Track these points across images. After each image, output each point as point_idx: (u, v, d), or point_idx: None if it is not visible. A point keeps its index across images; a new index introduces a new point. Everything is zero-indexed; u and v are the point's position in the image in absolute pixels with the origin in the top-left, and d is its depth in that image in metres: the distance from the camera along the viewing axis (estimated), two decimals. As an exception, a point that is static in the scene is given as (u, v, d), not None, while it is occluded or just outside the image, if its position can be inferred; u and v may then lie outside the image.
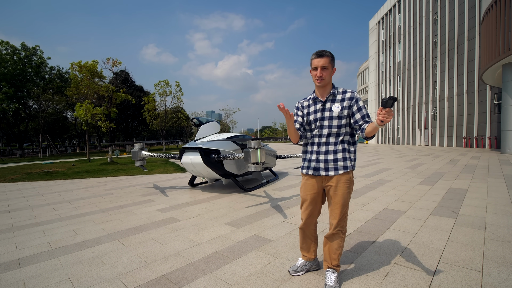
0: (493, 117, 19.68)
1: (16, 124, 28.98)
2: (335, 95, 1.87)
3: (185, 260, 2.39)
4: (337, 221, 1.86)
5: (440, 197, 4.47)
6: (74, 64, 16.89)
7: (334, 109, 1.84)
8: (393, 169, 8.25)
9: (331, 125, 1.86)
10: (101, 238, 3.01)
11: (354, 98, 1.81)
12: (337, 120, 1.84)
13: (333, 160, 1.85)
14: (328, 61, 1.80)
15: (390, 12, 33.58)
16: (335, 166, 1.85)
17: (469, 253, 2.35)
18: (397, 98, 1.39)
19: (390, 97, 1.40)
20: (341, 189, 1.83)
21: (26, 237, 3.15)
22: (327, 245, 1.94)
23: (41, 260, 2.49)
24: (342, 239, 1.89)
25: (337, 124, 1.85)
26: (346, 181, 1.84)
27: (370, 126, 1.69)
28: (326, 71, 1.81)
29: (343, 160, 1.85)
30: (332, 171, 1.85)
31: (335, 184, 1.85)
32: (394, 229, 3.00)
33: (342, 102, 1.83)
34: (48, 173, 9.54)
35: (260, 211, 3.95)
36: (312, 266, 2.13)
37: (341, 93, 1.86)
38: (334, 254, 1.89)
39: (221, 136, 5.77)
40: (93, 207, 4.53)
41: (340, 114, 1.83)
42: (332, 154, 1.86)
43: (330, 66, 1.82)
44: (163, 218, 3.74)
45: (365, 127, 1.74)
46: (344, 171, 1.84)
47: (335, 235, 1.89)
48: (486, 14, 15.18)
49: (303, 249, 2.12)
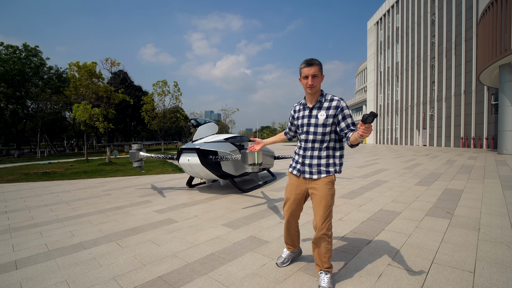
0: (490, 118, 19.80)
1: (14, 124, 28.87)
2: (321, 103, 1.93)
3: (181, 261, 2.41)
4: (322, 222, 1.89)
5: (435, 198, 4.51)
6: (72, 64, 16.86)
7: (319, 116, 1.91)
8: (390, 170, 8.29)
9: (316, 132, 1.92)
10: (98, 240, 3.02)
11: (340, 107, 1.87)
12: (322, 127, 1.90)
13: (316, 165, 1.94)
14: (317, 69, 1.86)
15: (388, 13, 33.70)
16: (318, 170, 1.93)
17: (462, 254, 2.38)
18: (377, 114, 1.44)
19: (371, 112, 1.44)
20: (324, 190, 1.90)
21: (23, 238, 3.16)
22: (316, 250, 1.97)
23: (38, 262, 2.50)
24: (329, 242, 1.92)
25: (322, 131, 1.91)
26: (328, 183, 1.91)
27: (353, 136, 1.75)
28: (316, 79, 1.87)
29: (326, 165, 1.93)
30: (315, 174, 1.94)
31: (318, 186, 1.92)
32: (389, 230, 3.03)
33: (328, 110, 1.89)
34: (46, 174, 9.52)
35: (257, 212, 3.97)
36: (296, 255, 2.31)
37: (328, 101, 1.91)
38: (324, 257, 1.93)
39: (219, 137, 5.78)
40: (91, 208, 4.54)
41: (325, 122, 1.89)
42: (316, 159, 1.94)
43: (320, 73, 1.89)
44: (160, 219, 3.75)
45: (349, 135, 1.81)
46: (326, 175, 1.92)
47: (321, 239, 1.91)
48: (483, 15, 15.28)
49: (288, 243, 2.26)
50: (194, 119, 6.09)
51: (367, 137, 1.54)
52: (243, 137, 6.45)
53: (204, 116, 70.56)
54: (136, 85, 43.71)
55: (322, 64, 1.92)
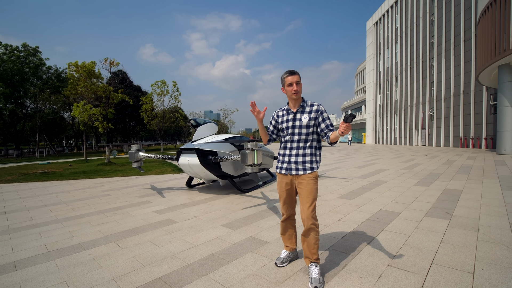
0: (489, 118, 19.85)
1: (13, 124, 28.78)
2: (304, 108, 2.20)
3: (181, 262, 2.41)
4: (310, 212, 2.07)
5: (435, 198, 4.52)
6: (71, 64, 16.82)
7: (303, 119, 2.17)
8: (390, 170, 8.31)
9: (300, 132, 2.18)
10: (97, 240, 3.01)
11: (320, 111, 2.17)
12: (305, 128, 2.18)
13: (302, 162, 2.17)
14: (299, 77, 2.17)
15: (387, 13, 33.74)
16: (303, 167, 2.17)
17: (461, 255, 2.39)
18: (355, 115, 1.73)
19: (351, 114, 1.69)
20: (309, 185, 2.12)
21: (23, 239, 3.15)
22: (305, 242, 2.13)
23: (37, 263, 2.49)
24: (317, 232, 2.09)
25: (305, 132, 2.18)
26: (313, 178, 2.14)
27: (333, 134, 2.06)
28: (299, 85, 2.16)
29: (310, 162, 2.18)
30: (301, 171, 2.17)
31: (305, 181, 2.14)
32: (388, 231, 3.04)
33: (310, 114, 2.17)
34: (45, 174, 9.50)
35: (256, 212, 3.97)
36: (294, 256, 2.39)
37: (309, 106, 2.20)
38: (313, 248, 2.08)
39: (218, 137, 5.78)
40: (90, 208, 4.53)
41: (308, 123, 2.17)
42: (302, 157, 2.18)
43: (300, 81, 2.19)
44: (160, 219, 3.75)
45: (329, 134, 2.11)
46: (311, 171, 2.16)
47: (310, 230, 2.09)
48: (482, 15, 15.31)
49: (286, 239, 2.37)
50: (193, 119, 6.09)
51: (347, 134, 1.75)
52: (242, 138, 6.44)
53: (204, 116, 70.44)
54: (136, 85, 43.68)
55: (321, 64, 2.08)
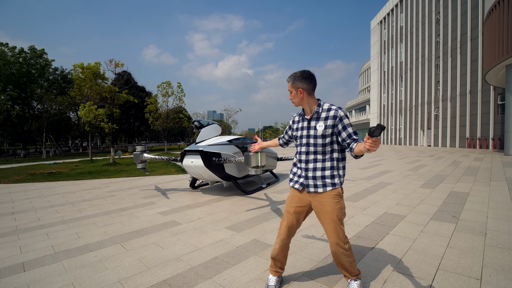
0: (496, 118, 19.54)
1: (20, 125, 29.26)
2: (319, 114, 1.86)
3: (185, 265, 2.42)
4: (335, 240, 1.81)
5: (441, 201, 4.46)
6: (76, 66, 17.03)
7: (318, 127, 1.84)
8: (395, 171, 8.23)
9: (316, 143, 1.86)
10: (103, 242, 3.05)
11: (338, 117, 1.79)
12: (321, 139, 1.84)
13: (321, 177, 1.85)
14: (289, 85, 1.90)
15: (392, 12, 33.43)
16: (323, 183, 1.85)
17: (468, 260, 2.36)
18: (384, 127, 1.37)
19: (378, 125, 1.35)
20: (330, 205, 1.82)
21: (30, 240, 3.20)
22: (338, 264, 1.90)
23: (45, 264, 2.53)
24: (348, 255, 1.85)
25: (322, 142, 1.85)
26: (335, 197, 1.82)
27: (358, 147, 1.68)
28: (291, 94, 1.91)
29: (330, 177, 1.84)
30: (320, 188, 1.85)
31: (324, 201, 1.83)
32: (393, 235, 3.01)
33: (326, 121, 1.82)
34: (52, 174, 9.64)
35: (260, 214, 3.98)
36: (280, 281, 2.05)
37: (325, 111, 1.84)
38: (349, 268, 1.87)
39: (222, 138, 5.80)
40: (96, 209, 4.58)
41: (324, 133, 1.82)
42: (320, 171, 1.86)
43: (293, 89, 1.88)
44: (164, 221, 3.78)
45: (353, 146, 1.72)
46: (332, 188, 1.84)
47: (338, 254, 1.84)
48: (489, 14, 15.08)
49: (277, 263, 2.01)
50: (197, 120, 6.12)
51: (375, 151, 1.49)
52: (246, 139, 6.45)
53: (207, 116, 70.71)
54: (140, 85, 44.04)
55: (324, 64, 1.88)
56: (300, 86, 1.86)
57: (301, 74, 1.87)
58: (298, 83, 1.86)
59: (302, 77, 1.86)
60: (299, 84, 1.86)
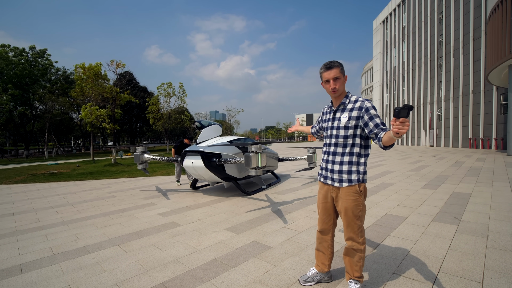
0: (499, 118, 19.39)
1: (23, 125, 29.44)
2: (345, 105, 1.83)
3: (184, 267, 2.40)
4: (349, 234, 1.83)
5: (443, 202, 4.42)
6: (78, 66, 17.10)
7: (342, 118, 1.81)
8: (396, 172, 8.18)
9: (338, 135, 1.83)
10: (102, 243, 3.04)
11: (364, 108, 1.72)
12: (344, 130, 1.80)
13: (338, 172, 1.83)
14: (338, 71, 1.77)
15: (394, 12, 33.30)
16: (340, 177, 1.82)
17: (469, 263, 2.32)
18: (412, 106, 1.25)
19: (405, 105, 1.24)
20: (346, 202, 1.79)
21: (29, 241, 3.20)
22: (347, 258, 1.90)
23: (42, 266, 2.52)
24: (361, 250, 1.83)
25: (344, 134, 1.80)
26: (352, 194, 1.78)
27: (386, 135, 1.57)
28: (338, 81, 1.78)
29: (347, 172, 1.80)
30: (337, 182, 1.83)
31: (342, 196, 1.82)
32: (394, 236, 2.98)
33: (351, 112, 1.78)
34: (53, 175, 9.67)
35: (260, 216, 3.95)
36: (324, 278, 2.05)
37: (352, 102, 1.80)
38: (356, 265, 1.85)
39: (222, 139, 5.78)
40: (96, 210, 4.58)
41: (347, 124, 1.78)
42: (339, 165, 1.83)
43: (341, 75, 1.79)
44: (164, 222, 3.76)
45: (381, 135, 1.61)
46: (348, 184, 1.79)
47: (351, 250, 1.85)
48: (492, 14, 14.96)
49: (317, 256, 2.05)
50: (198, 121, 6.11)
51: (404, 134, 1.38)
52: (247, 139, 6.43)
53: (209, 116, 70.77)
54: (142, 86, 44.16)
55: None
56: (344, 73, 1.81)
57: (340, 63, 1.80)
58: (343, 69, 1.80)
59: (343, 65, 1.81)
60: (344, 70, 1.81)
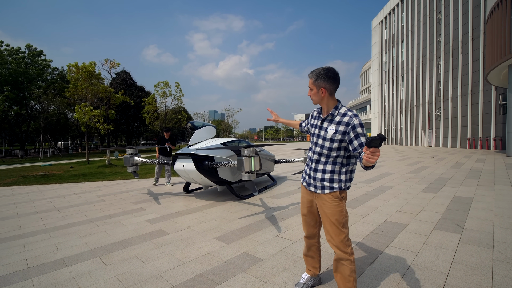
0: (498, 118, 19.30)
1: (18, 125, 29.09)
2: (333, 116, 1.76)
3: (166, 283, 2.21)
4: (333, 242, 1.77)
5: (444, 208, 4.24)
6: (71, 65, 16.82)
7: (329, 130, 1.76)
8: (395, 174, 8.01)
9: (323, 145, 1.80)
10: (81, 255, 2.83)
11: (351, 125, 1.66)
12: (329, 142, 1.76)
13: (320, 179, 1.82)
14: (310, 82, 1.79)
15: (393, 11, 33.19)
16: (322, 185, 1.81)
17: (476, 278, 2.14)
18: (385, 137, 1.23)
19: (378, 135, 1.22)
20: (328, 208, 1.77)
21: (4, 252, 2.99)
22: (337, 272, 1.78)
23: (12, 282, 2.32)
24: (351, 262, 1.73)
25: (328, 146, 1.77)
26: (334, 200, 1.77)
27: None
28: (311, 91, 1.80)
29: (329, 181, 1.78)
30: (319, 189, 1.83)
31: (324, 202, 1.80)
32: (394, 247, 2.80)
33: (338, 125, 1.72)
34: (45, 177, 9.44)
35: (253, 222, 3.76)
36: (315, 282, 2.10)
37: (340, 115, 1.73)
38: (349, 282, 1.72)
39: (216, 141, 5.58)
40: (82, 216, 4.37)
41: (333, 137, 1.74)
42: (320, 173, 1.82)
43: (314, 87, 1.77)
44: (151, 230, 3.56)
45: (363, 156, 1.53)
46: (330, 191, 1.78)
47: (339, 259, 1.76)
48: (491, 13, 14.84)
49: (307, 261, 2.09)
50: (191, 122, 5.90)
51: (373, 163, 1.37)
52: (241, 141, 6.22)
53: (208, 115, 70.48)
54: (139, 85, 43.83)
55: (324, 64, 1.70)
56: (322, 85, 1.75)
57: (325, 72, 1.73)
58: (321, 81, 1.74)
59: (326, 76, 1.73)
60: (322, 83, 1.74)
